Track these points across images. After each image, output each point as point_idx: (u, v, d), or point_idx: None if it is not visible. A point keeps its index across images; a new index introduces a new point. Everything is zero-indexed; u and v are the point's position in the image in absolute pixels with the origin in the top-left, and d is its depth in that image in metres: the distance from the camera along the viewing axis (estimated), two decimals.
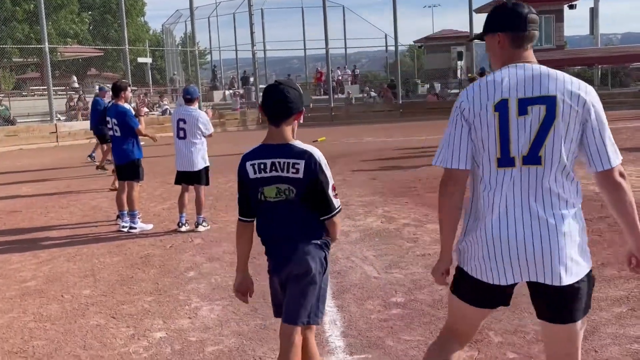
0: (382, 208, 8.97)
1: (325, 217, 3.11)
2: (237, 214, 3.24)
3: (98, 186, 12.18)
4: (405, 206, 9.02)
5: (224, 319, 4.93)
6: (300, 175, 3.03)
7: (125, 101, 8.39)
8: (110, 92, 9.68)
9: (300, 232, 3.13)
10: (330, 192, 3.09)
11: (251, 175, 3.12)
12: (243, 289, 3.34)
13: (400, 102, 30.87)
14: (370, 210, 8.89)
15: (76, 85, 31.33)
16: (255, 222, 3.24)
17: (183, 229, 7.98)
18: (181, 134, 7.94)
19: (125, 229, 8.17)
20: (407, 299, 5.18)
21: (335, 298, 5.27)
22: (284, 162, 3.05)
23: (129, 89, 8.59)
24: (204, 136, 8.03)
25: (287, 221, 3.12)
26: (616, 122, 13.62)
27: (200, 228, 7.98)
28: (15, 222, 9.17)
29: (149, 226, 8.29)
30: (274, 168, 3.06)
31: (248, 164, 3.12)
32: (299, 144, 3.10)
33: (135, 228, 8.17)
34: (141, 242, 7.62)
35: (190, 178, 8.05)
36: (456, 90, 35.52)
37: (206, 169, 8.08)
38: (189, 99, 8.08)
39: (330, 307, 5.04)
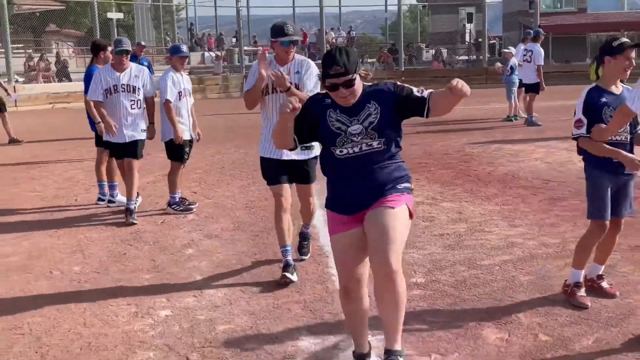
0: None
1: None
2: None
3: (69, 156, 12.33)
4: (417, 183, 9.25)
5: (232, 298, 5.17)
6: None
7: (105, 63, 8.22)
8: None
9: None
10: None
11: None
12: None
13: (402, 69, 31.05)
14: None
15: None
16: None
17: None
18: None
19: (104, 202, 8.36)
20: (427, 279, 5.44)
21: None
22: None
23: (109, 48, 8.56)
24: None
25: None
26: None
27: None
28: None
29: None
30: None
31: None
32: None
33: (113, 202, 8.34)
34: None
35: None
36: (465, 57, 35.78)
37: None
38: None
39: None
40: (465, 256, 6.01)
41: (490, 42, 35.09)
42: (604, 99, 4.68)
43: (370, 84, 3.71)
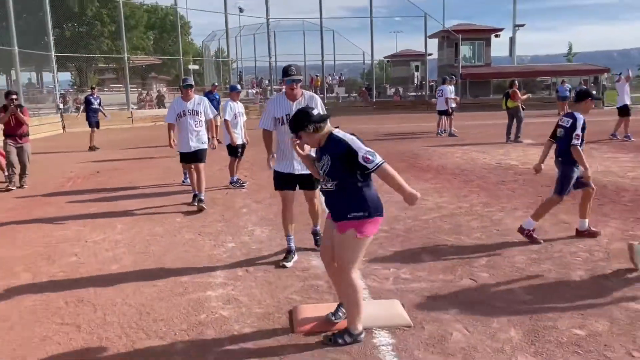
0: None
1: None
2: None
3: (167, 154, 12.47)
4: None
5: (271, 237, 5.42)
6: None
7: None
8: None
9: None
10: None
11: None
12: None
13: (374, 100, 31.14)
14: None
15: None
16: None
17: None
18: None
19: (185, 182, 8.45)
20: (389, 227, 5.62)
21: None
22: None
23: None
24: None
25: None
26: (527, 118, 14.13)
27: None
28: (117, 175, 9.60)
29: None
30: None
31: None
32: None
33: (185, 182, 8.45)
34: (207, 191, 7.95)
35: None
36: (414, 93, 35.77)
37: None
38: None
39: None
40: (412, 214, 6.13)
41: (430, 84, 35.08)
42: (586, 123, 4.99)
43: (342, 133, 3.16)
